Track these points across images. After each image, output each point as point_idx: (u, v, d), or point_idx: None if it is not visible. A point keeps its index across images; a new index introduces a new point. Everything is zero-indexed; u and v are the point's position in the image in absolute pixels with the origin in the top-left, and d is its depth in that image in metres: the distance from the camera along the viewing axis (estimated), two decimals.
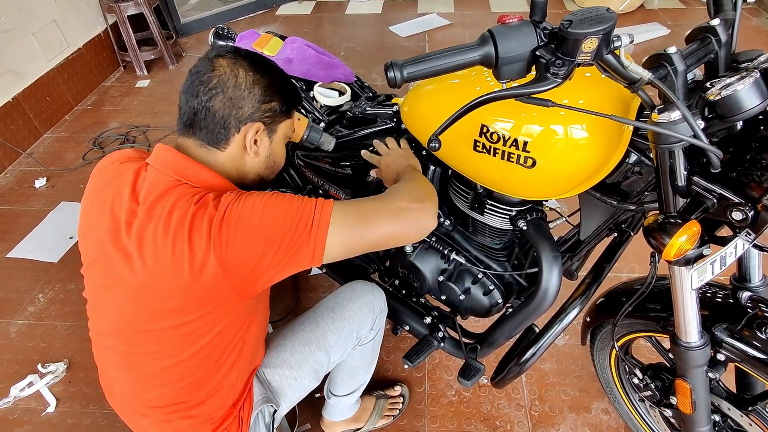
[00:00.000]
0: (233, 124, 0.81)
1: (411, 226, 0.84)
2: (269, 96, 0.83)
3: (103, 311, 0.84)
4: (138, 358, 0.84)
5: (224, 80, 0.79)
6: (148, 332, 0.80)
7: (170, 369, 0.83)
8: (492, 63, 0.65)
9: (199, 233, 0.73)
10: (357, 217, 0.80)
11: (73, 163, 2.61)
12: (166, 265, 0.74)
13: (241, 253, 0.73)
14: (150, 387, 0.86)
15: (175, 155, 0.80)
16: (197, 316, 0.78)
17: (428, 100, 0.99)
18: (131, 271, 0.77)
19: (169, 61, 3.45)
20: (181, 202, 0.75)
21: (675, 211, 0.72)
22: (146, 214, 0.76)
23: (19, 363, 1.66)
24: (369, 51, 3.50)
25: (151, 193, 0.77)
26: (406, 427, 1.43)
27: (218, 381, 0.88)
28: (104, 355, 0.89)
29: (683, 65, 0.66)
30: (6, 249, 2.11)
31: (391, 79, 0.65)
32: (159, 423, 0.89)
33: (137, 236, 0.76)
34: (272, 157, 0.90)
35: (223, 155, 0.83)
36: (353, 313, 1.09)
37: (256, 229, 0.74)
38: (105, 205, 0.81)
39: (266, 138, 0.86)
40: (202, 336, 0.81)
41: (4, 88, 2.60)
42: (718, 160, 0.66)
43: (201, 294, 0.76)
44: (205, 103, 0.79)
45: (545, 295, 0.97)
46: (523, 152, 0.82)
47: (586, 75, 0.82)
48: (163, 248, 0.74)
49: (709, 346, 0.85)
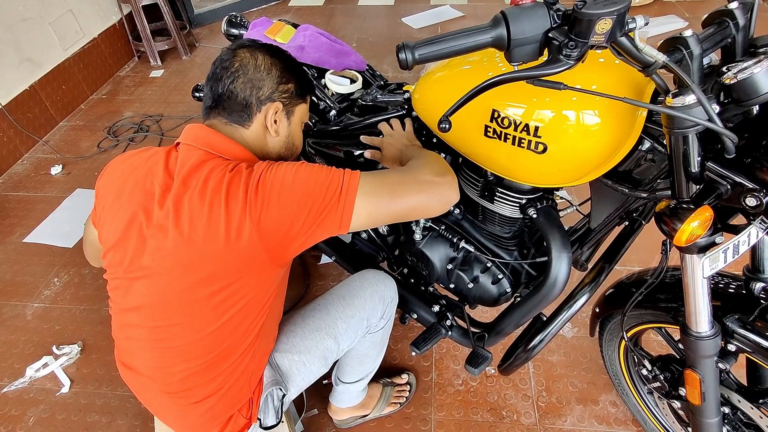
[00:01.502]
0: (255, 104, 0.87)
1: (436, 198, 0.86)
2: (286, 78, 0.90)
3: (133, 287, 0.85)
4: (166, 332, 0.85)
5: (245, 63, 0.86)
6: (180, 304, 0.82)
7: (197, 342, 0.85)
8: (504, 45, 0.64)
9: (235, 198, 0.77)
10: (384, 187, 0.83)
11: (88, 151, 2.65)
12: (203, 231, 0.77)
13: (276, 217, 0.77)
14: (174, 362, 0.87)
15: (206, 131, 0.86)
16: (230, 282, 0.81)
17: (439, 86, 0.99)
18: (167, 244, 0.79)
19: (182, 52, 3.47)
20: (216, 171, 0.79)
21: (688, 197, 0.71)
22: (181, 185, 0.80)
23: (34, 345, 1.70)
24: (381, 42, 3.49)
25: (185, 165, 0.82)
26: (413, 415, 1.44)
27: (239, 356, 0.90)
28: (128, 332, 0.90)
29: (699, 49, 0.65)
30: (23, 234, 2.15)
31: (403, 60, 0.65)
32: (178, 400, 0.91)
33: (174, 207, 0.79)
34: (291, 139, 0.96)
35: (247, 133, 0.89)
36: (364, 301, 1.10)
37: (290, 193, 0.78)
38: (137, 185, 0.84)
39: (285, 119, 0.92)
40: (231, 307, 0.84)
41: (22, 76, 2.64)
42: (732, 145, 0.65)
43: (236, 259, 0.79)
44: (228, 86, 0.86)
45: (554, 284, 0.97)
46: (534, 137, 0.82)
47: (599, 60, 0.81)
48: (200, 215, 0.77)
49: (719, 337, 0.84)
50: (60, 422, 1.48)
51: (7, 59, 2.55)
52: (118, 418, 1.47)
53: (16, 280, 1.95)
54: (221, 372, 0.89)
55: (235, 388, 0.92)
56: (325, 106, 1.36)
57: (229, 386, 0.91)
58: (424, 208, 0.87)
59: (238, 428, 0.97)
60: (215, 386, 0.90)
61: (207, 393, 0.90)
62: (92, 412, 1.49)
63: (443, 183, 0.86)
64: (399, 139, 1.08)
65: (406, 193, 0.84)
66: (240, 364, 0.91)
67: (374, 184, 0.82)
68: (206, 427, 0.94)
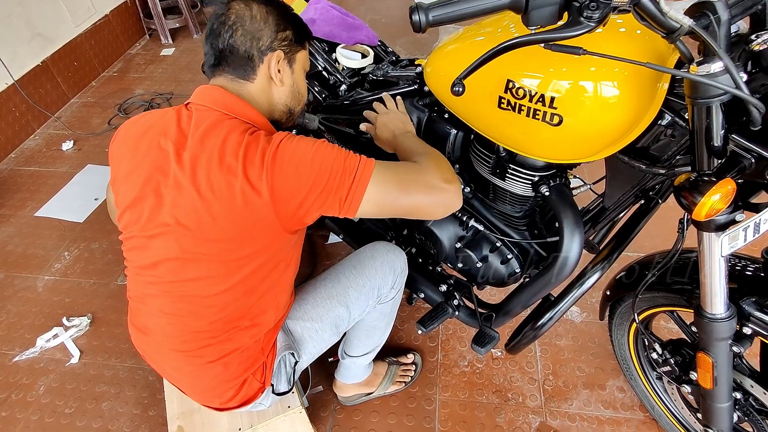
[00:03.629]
0: (256, 55, 0.87)
1: (441, 204, 0.89)
2: (283, 25, 0.89)
3: (151, 245, 0.85)
4: (181, 288, 0.86)
5: (241, 15, 0.86)
6: (195, 260, 0.83)
7: (212, 298, 0.86)
8: (521, 7, 0.61)
9: (252, 161, 0.78)
10: (394, 182, 0.84)
11: (99, 128, 2.66)
12: (219, 190, 0.78)
13: (291, 186, 0.79)
14: (189, 318, 0.87)
15: (221, 92, 0.86)
16: (241, 241, 0.82)
17: (452, 58, 0.96)
18: (183, 200, 0.80)
19: (193, 30, 3.45)
20: (235, 133, 0.80)
21: (709, 170, 0.68)
22: (198, 144, 0.80)
23: (45, 316, 1.72)
24: (394, 23, 3.44)
25: (200, 125, 0.82)
26: (418, 395, 1.44)
27: (252, 317, 0.91)
28: (144, 290, 0.90)
29: (727, 14, 0.61)
30: (35, 208, 2.17)
31: (416, 22, 0.63)
32: (192, 359, 0.91)
33: (191, 165, 0.80)
34: (296, 87, 0.96)
35: (253, 87, 0.89)
36: (374, 271, 1.10)
37: (308, 166, 0.79)
38: (151, 145, 0.84)
39: (287, 67, 0.92)
40: (244, 266, 0.85)
41: (34, 51, 2.64)
42: (759, 116, 0.62)
43: (248, 220, 0.80)
44: (227, 41, 0.86)
45: (565, 263, 0.95)
46: (550, 109, 0.79)
47: (620, 30, 0.78)
48: (217, 174, 0.78)
49: (735, 319, 0.82)
50: (69, 391, 1.50)
51: (19, 34, 2.55)
52: (127, 389, 1.49)
53: (27, 252, 1.97)
54: (234, 332, 0.90)
55: (248, 350, 0.93)
56: (335, 81, 1.34)
57: (242, 348, 0.92)
58: (427, 211, 0.89)
59: (252, 392, 0.98)
60: (229, 347, 0.90)
61: (220, 353, 0.90)
62: (101, 383, 1.51)
63: (450, 191, 0.88)
64: (393, 119, 1.08)
65: (415, 192, 0.86)
66: (252, 326, 0.91)
67: (387, 176, 0.84)
68: (219, 389, 0.95)
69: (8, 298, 1.79)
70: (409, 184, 0.85)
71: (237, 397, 0.97)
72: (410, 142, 1.01)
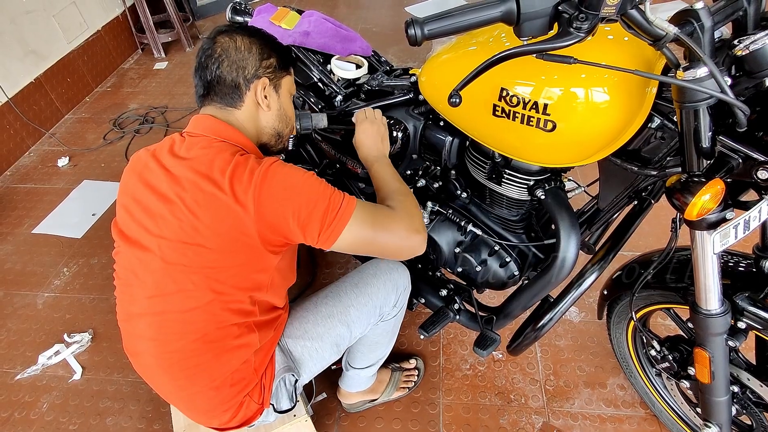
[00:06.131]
0: (243, 84, 0.92)
1: (408, 249, 0.94)
2: (267, 53, 0.94)
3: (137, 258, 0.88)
4: (163, 302, 0.87)
5: (226, 47, 0.91)
6: (177, 273, 0.85)
7: (192, 312, 0.86)
8: (513, 19, 0.64)
9: (240, 179, 0.81)
10: (370, 225, 0.89)
11: (95, 143, 2.66)
12: (205, 203, 0.82)
13: (277, 204, 0.82)
14: (173, 338, 0.88)
15: (212, 120, 0.92)
16: (221, 255, 0.84)
17: (446, 67, 0.99)
18: (171, 213, 0.84)
19: (186, 44, 3.47)
20: (225, 154, 0.85)
21: (699, 171, 0.70)
22: (187, 163, 0.85)
23: (46, 333, 1.72)
24: (384, 32, 3.47)
25: (192, 148, 0.87)
26: (421, 399, 1.45)
27: (237, 336, 0.90)
28: (130, 309, 0.91)
29: (710, 21, 0.64)
30: (31, 225, 2.17)
31: (412, 36, 0.65)
32: (183, 383, 0.91)
33: (178, 182, 0.84)
34: (283, 110, 1.00)
35: (241, 113, 0.94)
36: (377, 289, 1.10)
37: (298, 190, 0.83)
38: (146, 165, 0.90)
39: (274, 92, 0.97)
40: (224, 282, 0.86)
41: (27, 68, 2.65)
42: (744, 117, 0.65)
43: (232, 236, 0.83)
44: (215, 72, 0.91)
45: (563, 265, 0.97)
46: (543, 115, 0.81)
47: (608, 38, 0.81)
48: (205, 189, 0.82)
49: (729, 314, 0.84)
50: (73, 408, 1.50)
51: (12, 52, 2.56)
52: (130, 404, 1.49)
53: (26, 270, 1.97)
54: (219, 353, 0.89)
55: (239, 372, 0.92)
56: (330, 92, 1.36)
57: (232, 370, 0.91)
58: (395, 253, 0.95)
59: (251, 413, 0.97)
60: (217, 369, 0.90)
61: (210, 377, 0.90)
62: (104, 398, 1.51)
63: (417, 240, 0.93)
64: (371, 134, 1.11)
65: (387, 238, 0.91)
66: (238, 347, 0.91)
67: (365, 217, 0.88)
68: (216, 411, 0.95)
69: (8, 316, 1.79)
70: (382, 229, 0.90)
71: (236, 419, 0.97)
72: (386, 174, 1.06)
